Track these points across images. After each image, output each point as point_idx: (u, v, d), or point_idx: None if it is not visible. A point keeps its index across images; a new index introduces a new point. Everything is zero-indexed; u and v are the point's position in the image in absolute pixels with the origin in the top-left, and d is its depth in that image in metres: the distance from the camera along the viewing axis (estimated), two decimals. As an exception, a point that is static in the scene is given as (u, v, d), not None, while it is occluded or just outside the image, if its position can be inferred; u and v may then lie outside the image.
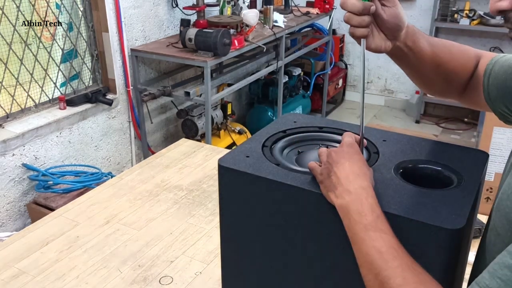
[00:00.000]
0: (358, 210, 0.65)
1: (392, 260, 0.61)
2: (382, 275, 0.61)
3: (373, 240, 0.63)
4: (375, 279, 0.62)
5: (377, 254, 0.62)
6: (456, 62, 0.87)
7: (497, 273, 0.54)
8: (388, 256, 0.62)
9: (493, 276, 0.54)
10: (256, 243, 0.84)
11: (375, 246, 0.63)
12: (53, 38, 2.66)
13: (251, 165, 0.80)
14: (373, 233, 0.63)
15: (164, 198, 1.61)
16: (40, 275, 1.25)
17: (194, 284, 1.23)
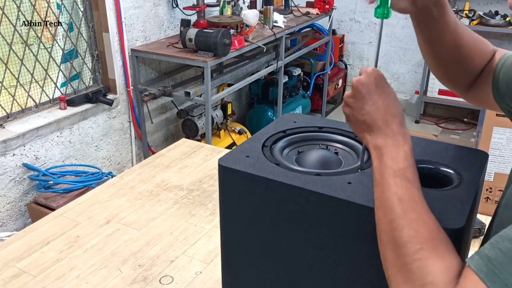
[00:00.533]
0: (392, 155, 0.64)
1: (410, 212, 0.61)
2: (396, 222, 0.61)
3: (398, 187, 0.62)
4: (389, 224, 0.62)
5: (398, 201, 0.62)
6: (475, 48, 0.83)
7: (498, 244, 0.55)
8: (408, 206, 0.61)
9: (493, 247, 0.55)
10: (256, 243, 0.84)
11: (397, 193, 0.62)
12: (53, 38, 2.67)
13: (251, 165, 0.80)
14: (399, 181, 0.63)
15: (164, 198, 1.61)
16: (41, 275, 1.25)
17: (195, 284, 1.23)
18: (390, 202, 0.62)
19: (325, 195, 0.72)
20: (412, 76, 4.77)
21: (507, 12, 4.12)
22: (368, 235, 0.71)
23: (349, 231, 0.73)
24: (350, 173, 0.78)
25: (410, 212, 0.61)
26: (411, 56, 4.68)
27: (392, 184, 0.63)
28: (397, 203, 0.62)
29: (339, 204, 0.71)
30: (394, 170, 0.63)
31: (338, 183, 0.74)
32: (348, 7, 4.77)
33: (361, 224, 0.71)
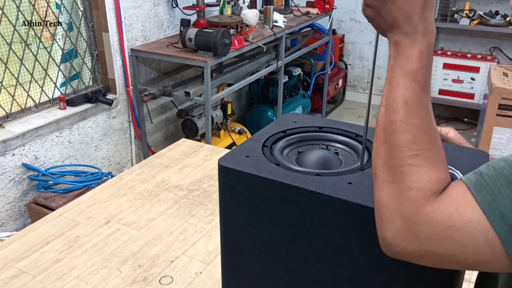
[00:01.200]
0: (407, 54, 0.60)
1: (414, 116, 0.59)
2: (397, 124, 0.60)
3: (406, 89, 0.60)
4: (390, 125, 0.60)
5: (403, 104, 0.60)
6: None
7: (493, 163, 0.56)
8: (413, 111, 0.59)
9: (488, 165, 0.57)
10: (256, 243, 0.84)
11: (405, 95, 0.60)
12: (53, 38, 2.66)
13: (251, 165, 0.80)
14: (409, 82, 0.60)
15: (164, 198, 1.61)
16: (40, 275, 1.25)
17: (194, 284, 1.23)
18: (395, 103, 0.60)
19: (325, 195, 0.72)
20: (412, 76, 4.77)
21: (507, 12, 4.12)
22: (368, 235, 0.70)
23: (349, 231, 0.73)
24: (351, 173, 0.78)
25: (413, 117, 0.59)
26: (411, 56, 4.68)
27: (402, 85, 0.60)
28: (402, 105, 0.60)
29: (339, 204, 0.71)
30: (406, 70, 0.60)
31: (338, 183, 0.74)
32: (348, 7, 4.77)
33: (361, 224, 0.71)
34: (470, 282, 1.21)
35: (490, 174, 0.56)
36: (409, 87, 0.60)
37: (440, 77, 4.37)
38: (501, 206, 0.53)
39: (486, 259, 0.54)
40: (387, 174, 0.60)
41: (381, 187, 0.60)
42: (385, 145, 0.61)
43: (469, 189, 0.55)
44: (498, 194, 0.54)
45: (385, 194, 0.60)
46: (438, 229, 0.55)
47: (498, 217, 0.53)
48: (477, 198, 0.54)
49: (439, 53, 4.36)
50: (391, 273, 0.72)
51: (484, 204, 0.54)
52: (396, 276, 0.72)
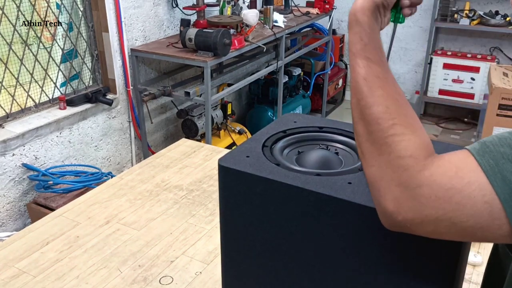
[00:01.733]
0: (350, 40, 0.66)
1: (376, 89, 0.62)
2: (364, 101, 0.62)
3: (359, 67, 0.64)
4: (358, 103, 0.63)
5: (362, 81, 0.63)
6: None
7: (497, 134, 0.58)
8: (373, 84, 0.62)
9: (492, 136, 0.58)
10: (256, 243, 0.84)
11: (360, 73, 0.63)
12: (53, 38, 2.66)
13: (251, 165, 0.80)
14: (360, 61, 0.64)
15: (164, 198, 1.61)
16: (40, 275, 1.25)
17: (194, 284, 1.23)
18: (356, 82, 0.64)
19: (325, 195, 0.72)
20: (413, 76, 4.77)
21: (507, 12, 4.12)
22: (368, 235, 0.70)
23: (349, 231, 0.73)
24: (350, 173, 0.78)
25: (376, 89, 0.62)
26: (412, 56, 4.68)
27: (355, 65, 0.64)
28: (362, 82, 0.63)
29: (339, 204, 0.71)
30: (353, 52, 0.65)
31: (338, 183, 0.74)
32: (348, 7, 4.75)
33: (361, 224, 0.71)
34: (470, 282, 1.21)
35: (493, 141, 0.57)
36: (361, 65, 0.64)
37: (440, 77, 4.37)
38: (504, 169, 0.54)
39: (484, 223, 0.54)
40: (372, 148, 0.61)
41: (370, 161, 0.61)
42: (362, 122, 0.63)
43: (472, 154, 0.56)
44: (500, 159, 0.55)
45: (376, 167, 0.60)
46: (438, 190, 0.56)
47: (500, 180, 0.54)
48: (480, 161, 0.55)
49: (439, 53, 4.36)
50: (391, 271, 0.72)
51: (487, 167, 0.55)
52: (396, 275, 0.72)
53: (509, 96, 2.89)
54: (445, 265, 0.68)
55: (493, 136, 0.58)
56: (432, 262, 0.68)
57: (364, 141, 0.63)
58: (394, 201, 0.58)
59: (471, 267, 1.25)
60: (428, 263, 0.68)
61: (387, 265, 0.72)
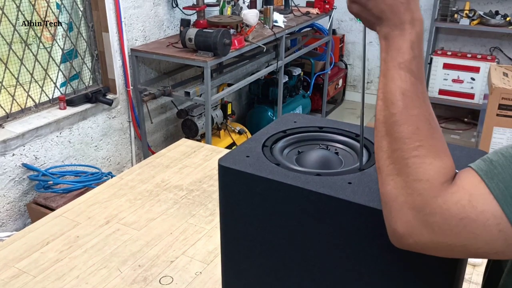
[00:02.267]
0: (398, 46, 0.61)
1: (413, 107, 0.59)
2: (397, 117, 0.59)
3: (402, 80, 0.60)
4: (390, 118, 0.60)
5: (401, 95, 0.60)
6: None
7: (501, 150, 0.57)
8: (411, 102, 0.59)
9: (496, 153, 0.57)
10: (256, 243, 0.84)
11: (401, 87, 0.60)
12: (53, 38, 2.66)
13: (251, 165, 0.80)
14: (404, 74, 0.60)
15: (164, 198, 1.61)
16: (40, 275, 1.25)
17: (194, 284, 1.23)
18: (392, 95, 0.60)
19: (325, 195, 0.72)
20: (412, 76, 4.77)
21: (507, 12, 4.12)
22: (369, 235, 0.70)
23: (349, 231, 0.73)
24: (351, 173, 0.78)
25: (412, 108, 0.59)
26: (411, 56, 4.68)
27: (397, 77, 0.60)
28: (400, 97, 0.60)
29: (339, 204, 0.71)
30: (399, 62, 0.61)
31: (338, 183, 0.74)
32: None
33: (361, 224, 0.71)
34: (470, 282, 1.21)
35: (500, 161, 0.56)
36: (404, 78, 0.60)
37: (440, 77, 4.37)
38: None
39: (499, 249, 0.54)
40: (392, 167, 0.60)
41: (387, 180, 0.60)
42: (387, 138, 0.60)
43: (481, 177, 0.55)
44: (510, 181, 0.54)
45: (392, 187, 0.59)
46: (451, 220, 0.55)
47: (510, 204, 0.53)
48: (490, 186, 0.54)
49: (439, 53, 4.36)
50: (391, 272, 0.72)
51: (497, 192, 0.54)
52: (396, 275, 0.72)
53: (509, 96, 2.89)
54: (445, 265, 0.68)
55: (499, 154, 0.57)
56: (432, 262, 0.68)
57: (385, 158, 0.61)
58: (406, 224, 0.57)
59: (471, 267, 1.25)
60: (428, 263, 0.68)
61: (387, 265, 0.72)
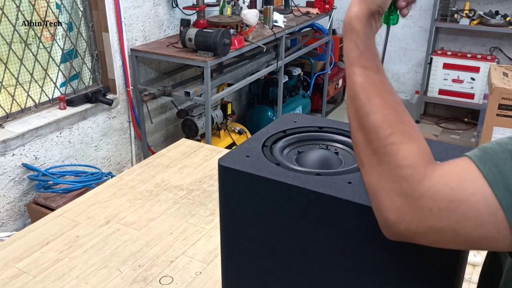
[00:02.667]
0: (347, 49, 0.66)
1: (374, 97, 0.62)
2: (362, 109, 0.62)
3: (356, 75, 0.63)
4: (356, 112, 0.63)
5: (360, 89, 0.63)
6: None
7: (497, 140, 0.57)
8: (371, 92, 0.62)
9: (492, 142, 0.57)
10: (256, 243, 0.84)
11: (357, 81, 0.63)
12: (53, 38, 2.66)
13: (251, 165, 0.80)
14: (356, 69, 0.64)
15: (164, 198, 1.61)
16: (40, 275, 1.25)
17: (194, 284, 1.23)
18: (353, 91, 0.63)
19: (325, 195, 0.72)
20: (413, 76, 4.77)
21: (507, 11, 4.12)
22: (369, 234, 0.70)
23: (349, 231, 0.73)
24: (350, 172, 0.78)
25: (374, 98, 0.61)
26: (412, 56, 4.68)
27: (351, 74, 0.64)
28: (359, 90, 0.62)
29: (339, 204, 0.71)
30: (350, 61, 0.65)
31: (338, 183, 0.74)
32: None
33: (361, 224, 0.71)
34: (470, 282, 1.21)
35: (494, 148, 0.56)
36: (358, 73, 0.63)
37: (440, 77, 4.37)
38: (506, 177, 0.53)
39: (489, 234, 0.54)
40: (371, 158, 0.60)
41: (370, 171, 0.61)
42: (360, 131, 0.62)
43: (474, 162, 0.56)
44: (503, 165, 0.54)
45: (376, 177, 0.60)
46: (440, 202, 0.55)
47: (502, 188, 0.53)
48: (482, 169, 0.54)
49: (439, 53, 4.36)
50: (391, 272, 0.72)
51: (489, 175, 0.54)
52: (396, 275, 0.72)
53: (509, 96, 2.89)
54: (445, 265, 0.68)
55: (493, 142, 0.57)
56: (433, 262, 0.68)
57: (363, 150, 0.62)
58: (396, 211, 0.57)
59: (471, 267, 1.25)
60: (429, 263, 0.68)
61: (387, 265, 0.72)
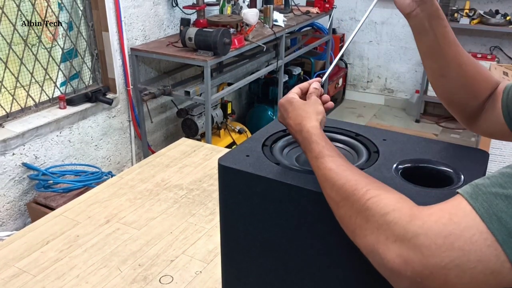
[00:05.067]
0: (307, 148, 0.74)
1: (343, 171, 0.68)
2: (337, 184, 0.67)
3: (324, 163, 0.70)
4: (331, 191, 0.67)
5: (329, 171, 0.69)
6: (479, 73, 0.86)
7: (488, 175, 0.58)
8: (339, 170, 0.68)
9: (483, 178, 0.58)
10: (256, 242, 0.84)
11: (326, 167, 0.69)
12: (53, 38, 2.66)
13: (251, 164, 0.80)
14: (322, 160, 0.71)
15: (164, 198, 1.61)
16: (40, 275, 1.25)
17: (194, 284, 1.23)
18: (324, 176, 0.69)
19: (325, 194, 0.72)
20: (413, 75, 4.77)
21: (507, 11, 4.12)
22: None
23: (349, 231, 0.73)
24: (350, 172, 0.78)
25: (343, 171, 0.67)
26: (412, 55, 4.68)
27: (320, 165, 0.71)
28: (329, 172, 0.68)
29: (339, 203, 0.71)
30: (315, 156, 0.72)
31: (338, 182, 0.74)
32: (348, 6, 4.77)
33: (361, 224, 0.70)
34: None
35: (485, 183, 0.56)
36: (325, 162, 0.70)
37: (440, 76, 4.36)
38: (498, 210, 0.53)
39: (494, 267, 0.53)
40: (359, 219, 0.62)
41: (362, 234, 0.62)
42: (342, 203, 0.65)
43: (466, 199, 0.55)
44: (493, 200, 0.54)
45: (368, 235, 0.61)
46: (436, 238, 0.54)
47: (495, 222, 0.52)
48: (474, 205, 0.54)
49: (439, 52, 4.36)
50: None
51: (481, 210, 0.53)
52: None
53: (509, 95, 2.88)
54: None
55: (484, 178, 0.57)
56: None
57: (349, 216, 0.64)
58: (398, 257, 0.57)
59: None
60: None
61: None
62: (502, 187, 0.54)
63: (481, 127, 0.89)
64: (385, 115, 4.75)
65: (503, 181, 0.55)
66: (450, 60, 0.83)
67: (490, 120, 0.86)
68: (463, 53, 0.84)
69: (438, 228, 0.55)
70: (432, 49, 0.83)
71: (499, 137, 0.87)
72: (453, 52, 0.83)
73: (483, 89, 0.86)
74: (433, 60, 0.85)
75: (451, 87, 0.87)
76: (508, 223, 0.52)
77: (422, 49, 0.85)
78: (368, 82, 5.00)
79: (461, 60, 0.84)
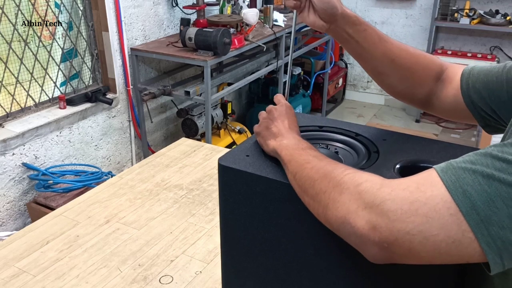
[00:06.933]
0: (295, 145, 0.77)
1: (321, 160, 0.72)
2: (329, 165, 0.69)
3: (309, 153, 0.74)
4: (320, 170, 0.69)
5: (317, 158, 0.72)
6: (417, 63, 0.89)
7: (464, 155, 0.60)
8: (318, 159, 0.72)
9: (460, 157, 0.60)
10: (256, 242, 0.84)
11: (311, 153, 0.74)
12: (53, 37, 2.66)
13: (251, 164, 0.80)
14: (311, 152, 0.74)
15: (164, 198, 1.61)
16: (40, 274, 1.25)
17: (194, 284, 1.23)
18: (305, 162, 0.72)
19: (325, 194, 0.72)
20: (412, 75, 4.77)
21: (507, 11, 4.12)
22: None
23: (349, 231, 0.73)
24: (350, 172, 0.78)
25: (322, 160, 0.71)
26: (411, 55, 4.67)
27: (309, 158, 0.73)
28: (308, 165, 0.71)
29: (339, 203, 0.71)
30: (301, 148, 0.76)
31: (338, 182, 0.74)
32: (348, 6, 4.73)
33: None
34: None
35: (458, 160, 0.59)
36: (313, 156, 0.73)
37: (440, 76, 4.37)
38: (464, 183, 0.55)
39: (455, 237, 0.55)
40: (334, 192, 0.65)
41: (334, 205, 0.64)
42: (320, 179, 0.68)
43: (437, 171, 0.58)
44: (462, 173, 0.56)
45: (340, 206, 0.63)
46: (402, 204, 0.57)
47: (460, 194, 0.55)
48: (442, 177, 0.57)
49: (439, 52, 4.36)
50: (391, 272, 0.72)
51: (448, 182, 0.56)
52: (396, 275, 0.72)
53: (509, 95, 2.88)
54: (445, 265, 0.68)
55: (460, 157, 0.60)
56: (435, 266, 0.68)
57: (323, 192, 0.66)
58: (367, 223, 0.59)
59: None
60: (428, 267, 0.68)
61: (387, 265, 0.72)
62: (472, 163, 0.56)
63: (437, 110, 0.93)
64: (385, 115, 4.75)
65: (474, 159, 0.57)
66: (380, 58, 0.87)
67: (446, 103, 0.90)
68: (394, 48, 0.88)
69: (405, 195, 0.57)
70: (359, 53, 0.89)
71: (458, 119, 0.92)
72: (381, 50, 0.87)
73: (426, 76, 0.90)
74: (364, 62, 0.90)
75: (391, 82, 0.91)
76: (473, 196, 0.54)
77: (352, 55, 0.91)
78: (368, 82, 4.99)
79: (392, 55, 0.87)
